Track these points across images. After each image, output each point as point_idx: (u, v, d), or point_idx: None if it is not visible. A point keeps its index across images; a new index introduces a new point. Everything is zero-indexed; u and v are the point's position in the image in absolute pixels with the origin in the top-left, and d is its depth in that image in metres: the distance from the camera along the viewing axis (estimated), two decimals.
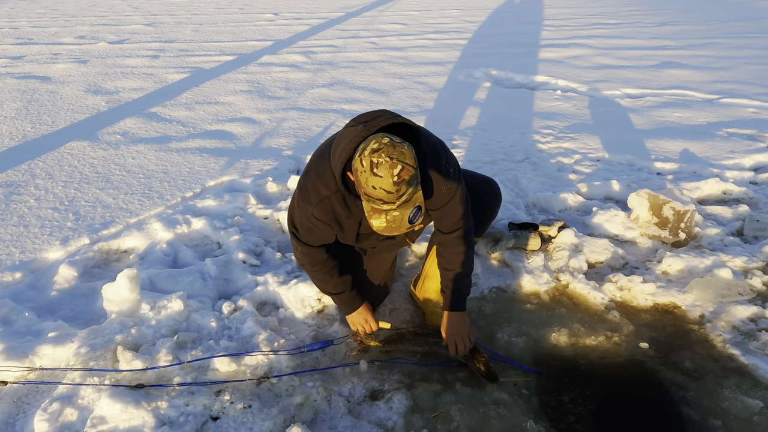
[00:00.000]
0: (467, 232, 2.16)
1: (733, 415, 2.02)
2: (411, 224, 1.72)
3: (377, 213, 1.70)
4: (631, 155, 4.24)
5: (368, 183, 1.66)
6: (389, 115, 1.82)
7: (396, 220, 1.69)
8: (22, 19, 10.27)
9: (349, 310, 2.29)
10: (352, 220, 2.03)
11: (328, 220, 2.01)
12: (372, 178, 1.64)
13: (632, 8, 12.39)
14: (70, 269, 2.78)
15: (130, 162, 4.04)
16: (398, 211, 1.68)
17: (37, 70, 6.64)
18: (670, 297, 2.64)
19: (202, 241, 3.13)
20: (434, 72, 6.75)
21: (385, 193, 1.65)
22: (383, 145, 1.65)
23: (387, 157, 1.63)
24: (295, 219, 2.11)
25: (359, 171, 1.68)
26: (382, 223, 1.70)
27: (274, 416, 1.96)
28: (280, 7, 11.97)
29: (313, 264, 2.18)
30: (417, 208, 1.71)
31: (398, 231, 1.73)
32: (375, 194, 1.66)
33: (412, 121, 1.84)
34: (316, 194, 1.96)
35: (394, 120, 1.80)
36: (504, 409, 2.04)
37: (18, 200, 3.45)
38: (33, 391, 2.09)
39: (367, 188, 1.67)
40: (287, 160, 4.10)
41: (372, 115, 1.85)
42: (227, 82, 6.27)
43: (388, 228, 1.72)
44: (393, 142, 1.66)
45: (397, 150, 1.65)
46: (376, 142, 1.66)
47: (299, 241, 2.12)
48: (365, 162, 1.65)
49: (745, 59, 7.39)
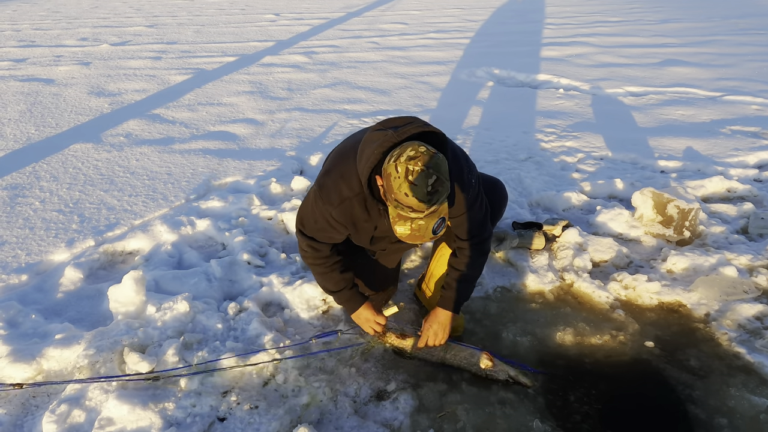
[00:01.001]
0: (484, 240, 2.19)
1: (740, 413, 2.02)
2: (434, 234, 1.73)
3: (403, 220, 1.70)
4: (634, 153, 4.23)
5: (401, 189, 1.65)
6: (420, 123, 1.81)
7: (421, 229, 1.70)
8: (25, 22, 10.30)
9: (352, 309, 2.28)
10: (369, 224, 2.03)
11: (346, 222, 2.01)
12: (405, 185, 1.64)
13: (634, 6, 12.36)
14: (75, 271, 2.79)
15: (133, 164, 4.05)
16: (424, 220, 1.68)
17: (40, 72, 6.66)
18: (675, 295, 2.63)
19: (206, 242, 3.14)
20: (436, 71, 6.75)
21: (417, 202, 1.65)
22: (420, 154, 1.65)
23: (423, 166, 1.63)
24: (308, 216, 2.08)
25: (393, 176, 1.67)
26: (407, 230, 1.71)
27: (281, 417, 1.97)
28: (281, 8, 11.98)
29: (315, 258, 2.16)
30: (441, 219, 1.72)
31: (421, 240, 1.74)
32: (406, 201, 1.66)
33: (440, 131, 1.83)
34: (338, 195, 1.95)
35: (425, 129, 1.79)
36: (510, 409, 2.04)
37: (23, 202, 3.46)
38: (41, 393, 2.10)
39: (399, 195, 1.66)
40: (290, 160, 4.10)
41: (402, 120, 1.84)
42: (229, 83, 6.28)
43: (411, 236, 1.72)
44: (429, 152, 1.66)
45: (433, 160, 1.65)
46: (413, 150, 1.66)
47: (305, 236, 2.11)
48: (400, 168, 1.64)
49: (747, 56, 7.37)
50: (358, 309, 2.26)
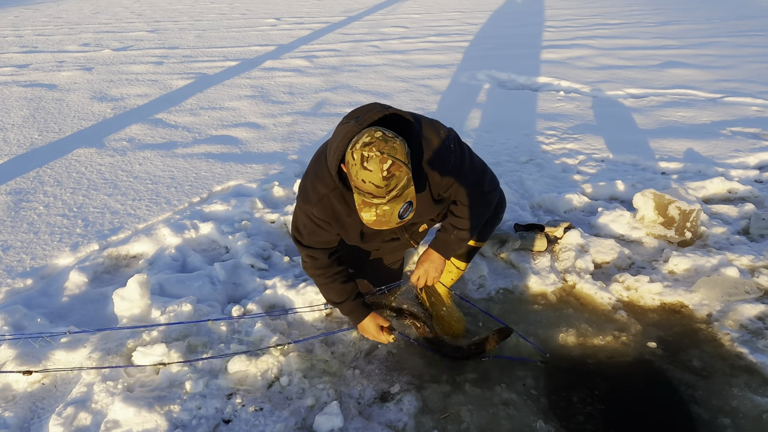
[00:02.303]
0: (485, 195, 2.14)
1: (743, 413, 2.02)
2: (401, 219, 1.74)
3: (367, 206, 1.71)
4: (635, 155, 4.25)
5: (358, 176, 1.67)
6: (379, 108, 1.82)
7: (386, 214, 1.71)
8: (27, 28, 10.34)
9: (357, 320, 2.25)
10: (354, 219, 2.02)
11: (329, 219, 2.01)
12: (362, 172, 1.66)
13: (633, 8, 12.39)
14: (80, 275, 2.81)
15: (137, 168, 4.07)
16: (388, 205, 1.70)
17: (43, 78, 6.69)
18: (677, 296, 2.64)
19: (210, 245, 3.15)
20: (437, 74, 6.77)
21: (374, 187, 1.66)
22: (375, 139, 1.67)
23: (378, 151, 1.64)
24: (297, 222, 2.10)
25: (350, 164, 1.70)
26: (372, 216, 1.72)
27: (286, 418, 1.98)
28: (282, 12, 12.02)
29: (316, 268, 2.15)
30: (408, 204, 1.72)
31: (388, 225, 1.75)
32: (364, 188, 1.68)
33: (403, 111, 1.85)
34: (315, 193, 1.97)
35: (385, 112, 1.81)
36: (514, 410, 2.05)
37: (27, 207, 3.48)
38: (47, 396, 2.12)
39: (357, 181, 1.69)
40: (293, 164, 4.12)
41: (363, 110, 1.85)
42: (231, 87, 6.30)
43: (378, 222, 1.73)
44: (385, 137, 1.68)
45: (388, 145, 1.66)
46: (368, 136, 1.68)
47: (302, 245, 2.12)
48: (356, 155, 1.67)
49: (747, 58, 7.39)
50: (364, 320, 2.22)
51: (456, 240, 2.21)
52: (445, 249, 2.24)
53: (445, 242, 2.22)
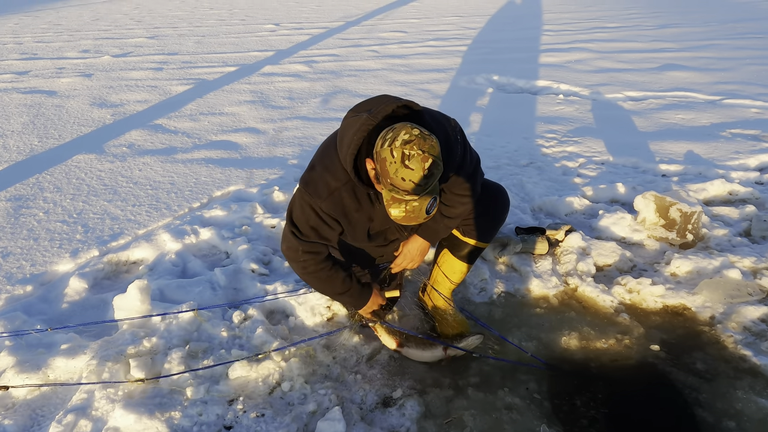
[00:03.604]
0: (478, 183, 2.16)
1: (747, 416, 2.01)
2: (428, 214, 1.74)
3: (398, 203, 1.71)
4: (635, 158, 4.24)
5: (398, 174, 1.66)
6: (391, 100, 1.82)
7: (415, 210, 1.71)
8: (27, 35, 10.37)
9: (365, 301, 2.24)
10: (362, 214, 2.01)
11: (337, 215, 1.97)
12: (402, 170, 1.65)
13: (631, 11, 12.43)
14: (80, 281, 2.79)
15: (136, 174, 4.07)
16: (418, 201, 1.70)
17: (43, 84, 6.70)
18: (679, 298, 2.63)
19: (210, 251, 3.14)
20: (436, 79, 6.78)
21: (414, 185, 1.66)
22: (414, 137, 1.65)
23: (419, 149, 1.64)
24: (298, 216, 2.00)
25: (388, 161, 1.67)
26: (401, 212, 1.72)
27: (287, 424, 1.97)
28: (281, 18, 12.05)
29: (317, 263, 2.07)
30: (434, 199, 1.73)
31: (416, 221, 1.75)
32: (403, 186, 1.67)
33: (414, 103, 1.85)
34: (325, 187, 1.92)
35: (397, 103, 1.81)
36: (517, 414, 2.04)
37: (27, 214, 3.48)
38: (47, 403, 2.10)
39: (396, 179, 1.67)
40: (293, 168, 4.12)
41: (374, 102, 1.84)
42: (231, 92, 6.31)
43: (406, 217, 1.73)
44: (423, 134, 1.67)
45: (427, 143, 1.66)
46: (407, 133, 1.66)
47: (300, 240, 2.02)
48: (396, 153, 1.65)
49: (746, 60, 7.40)
50: (371, 299, 2.25)
51: (444, 228, 2.24)
52: (433, 236, 2.26)
53: (435, 230, 2.24)
